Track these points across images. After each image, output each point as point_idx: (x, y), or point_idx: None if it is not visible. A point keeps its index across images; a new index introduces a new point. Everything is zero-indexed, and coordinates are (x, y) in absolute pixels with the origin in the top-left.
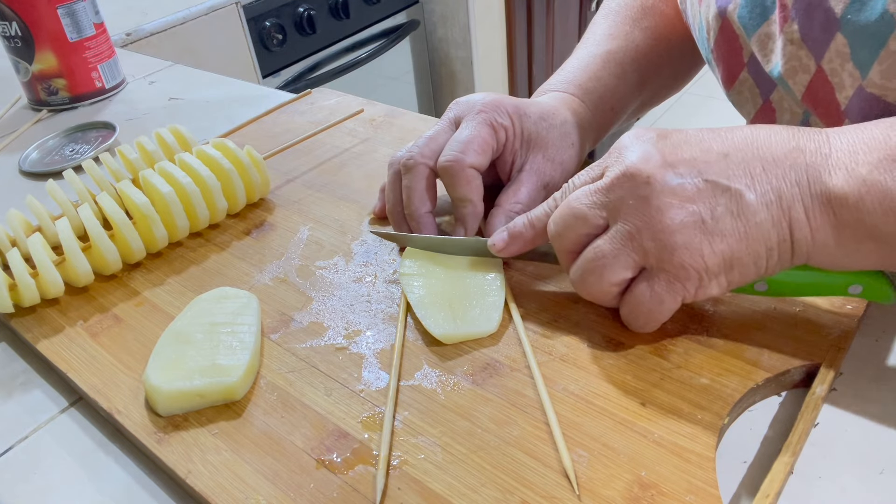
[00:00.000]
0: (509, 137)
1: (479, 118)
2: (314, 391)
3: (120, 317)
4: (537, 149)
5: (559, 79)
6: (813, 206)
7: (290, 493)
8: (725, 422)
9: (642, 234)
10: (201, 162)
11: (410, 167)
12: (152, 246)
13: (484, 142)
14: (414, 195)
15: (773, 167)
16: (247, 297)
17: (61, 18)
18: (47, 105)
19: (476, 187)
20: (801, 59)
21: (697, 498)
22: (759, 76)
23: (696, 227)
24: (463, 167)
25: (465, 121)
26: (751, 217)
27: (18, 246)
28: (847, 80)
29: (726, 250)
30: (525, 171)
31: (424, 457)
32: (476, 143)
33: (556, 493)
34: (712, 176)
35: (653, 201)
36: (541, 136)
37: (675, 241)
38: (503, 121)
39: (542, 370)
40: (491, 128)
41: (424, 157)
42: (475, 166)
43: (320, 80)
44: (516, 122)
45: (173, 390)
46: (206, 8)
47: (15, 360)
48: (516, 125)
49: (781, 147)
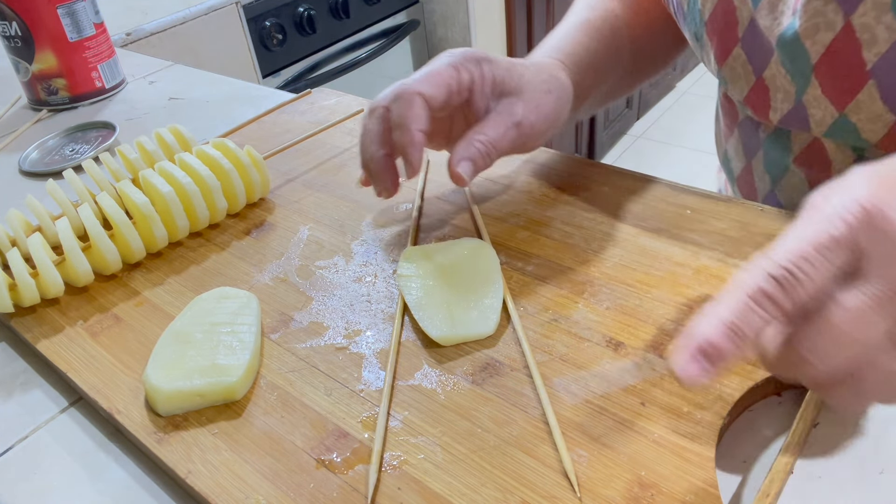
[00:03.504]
0: (476, 81)
1: (442, 59)
2: (314, 391)
3: (120, 317)
4: (510, 94)
5: (541, 51)
6: None
7: (290, 493)
8: (725, 422)
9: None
10: (201, 162)
11: (372, 110)
12: (152, 246)
13: (440, 76)
14: (368, 138)
15: None
16: (247, 296)
17: (61, 18)
18: (47, 105)
19: (416, 115)
20: (827, 15)
21: (697, 498)
22: (752, 51)
23: None
24: (409, 91)
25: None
26: None
27: (18, 246)
28: (882, 33)
29: None
30: (494, 112)
31: (424, 457)
32: (432, 76)
33: (556, 493)
34: None
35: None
36: (513, 82)
37: None
38: (469, 66)
39: (542, 370)
40: (453, 68)
41: (384, 98)
42: (424, 94)
43: (320, 80)
44: (485, 68)
45: (173, 390)
46: (206, 8)
47: (15, 360)
48: (485, 70)
49: None
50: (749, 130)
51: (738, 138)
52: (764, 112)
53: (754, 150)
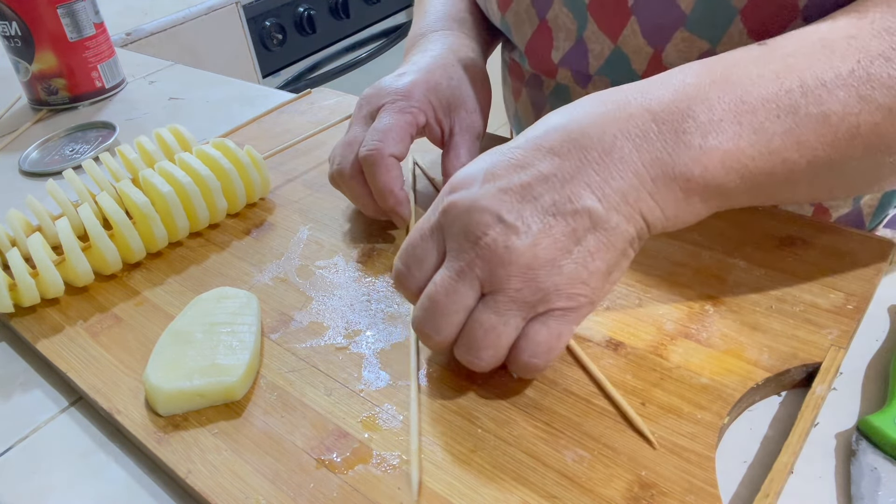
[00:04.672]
0: (429, 115)
1: (393, 108)
2: (314, 391)
3: (120, 317)
4: (458, 107)
5: (430, 20)
6: (657, 190)
7: (290, 493)
8: (725, 422)
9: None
10: (201, 162)
11: (346, 178)
12: (152, 246)
13: (402, 130)
14: (363, 202)
15: (608, 167)
16: (247, 296)
17: (61, 18)
18: (47, 105)
19: (397, 177)
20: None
21: (697, 498)
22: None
23: (568, 259)
24: (383, 156)
25: (380, 113)
26: (606, 225)
27: (18, 246)
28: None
29: (601, 265)
30: (456, 132)
31: (424, 457)
32: (394, 131)
33: (557, 493)
34: (556, 206)
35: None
36: (456, 96)
37: (556, 282)
38: (419, 105)
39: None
40: (409, 115)
41: (353, 165)
42: (395, 155)
43: (320, 80)
44: (433, 100)
45: (173, 390)
46: (206, 8)
47: (15, 360)
48: (433, 101)
49: (608, 139)
50: (535, 88)
51: (526, 97)
52: (546, 54)
53: (541, 106)
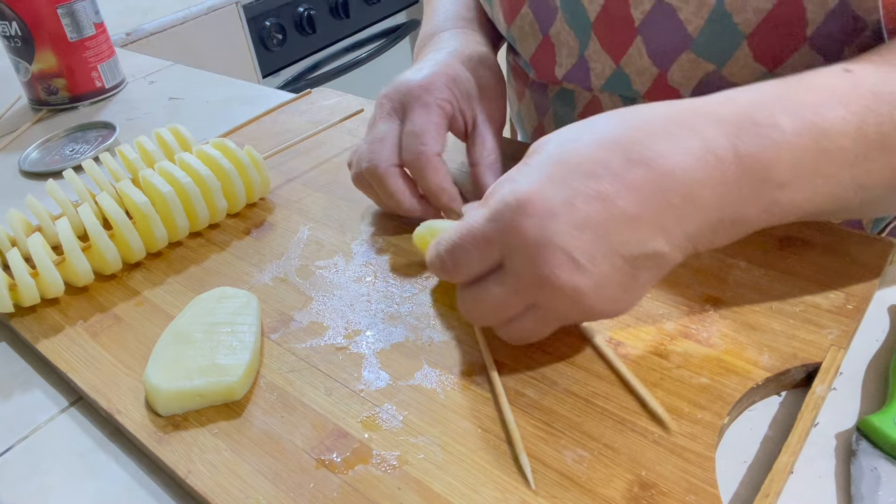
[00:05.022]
0: (454, 106)
1: (422, 103)
2: (314, 391)
3: (120, 316)
4: (480, 97)
5: (441, 19)
6: (722, 230)
7: (290, 493)
8: (725, 422)
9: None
10: (201, 162)
11: (380, 175)
12: (152, 246)
13: (438, 126)
14: (402, 197)
15: (686, 214)
16: (247, 296)
17: (61, 18)
18: (47, 105)
19: (445, 174)
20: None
21: (697, 498)
22: (539, 10)
23: (623, 294)
24: (430, 158)
25: (410, 111)
26: (665, 262)
27: (18, 246)
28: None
29: (645, 292)
30: (480, 122)
31: (424, 456)
32: (431, 130)
33: (557, 493)
34: (626, 247)
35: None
36: (477, 86)
37: (604, 310)
38: (444, 95)
39: (543, 370)
40: (438, 108)
41: (386, 160)
42: (440, 153)
43: (320, 79)
44: (455, 90)
45: (173, 390)
46: (206, 8)
47: (15, 360)
48: (455, 92)
49: (694, 186)
50: (539, 91)
51: (529, 98)
52: (550, 69)
53: (544, 109)
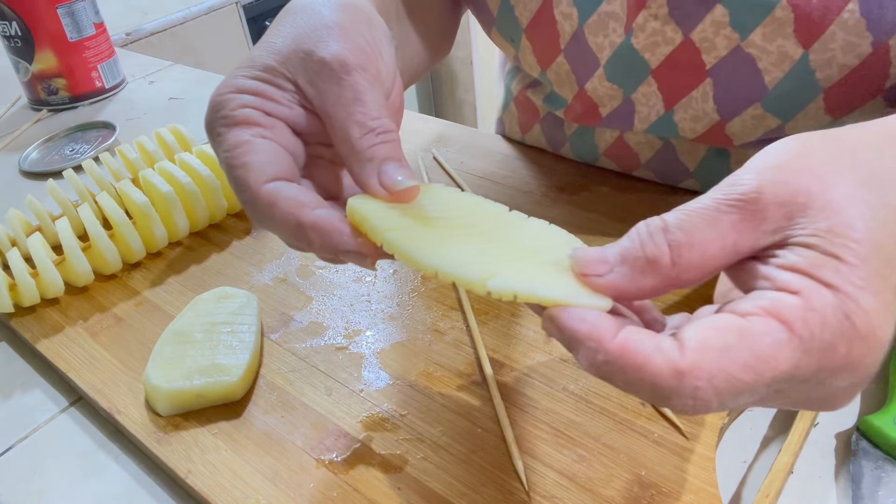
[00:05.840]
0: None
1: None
2: (314, 391)
3: (120, 316)
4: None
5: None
6: None
7: (290, 493)
8: (725, 422)
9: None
10: (201, 162)
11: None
12: (152, 246)
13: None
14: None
15: None
16: (247, 296)
17: (61, 18)
18: (47, 105)
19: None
20: (666, 34)
21: (697, 498)
22: (576, 63)
23: None
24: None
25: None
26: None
27: (18, 246)
28: (721, 42)
29: None
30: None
31: (424, 457)
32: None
33: (557, 493)
34: None
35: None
36: (330, 90)
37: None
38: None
39: (543, 370)
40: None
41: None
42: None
43: None
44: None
45: (173, 390)
46: (206, 8)
47: (15, 360)
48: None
49: None
50: (553, 126)
51: (540, 132)
52: (593, 114)
53: (560, 143)
